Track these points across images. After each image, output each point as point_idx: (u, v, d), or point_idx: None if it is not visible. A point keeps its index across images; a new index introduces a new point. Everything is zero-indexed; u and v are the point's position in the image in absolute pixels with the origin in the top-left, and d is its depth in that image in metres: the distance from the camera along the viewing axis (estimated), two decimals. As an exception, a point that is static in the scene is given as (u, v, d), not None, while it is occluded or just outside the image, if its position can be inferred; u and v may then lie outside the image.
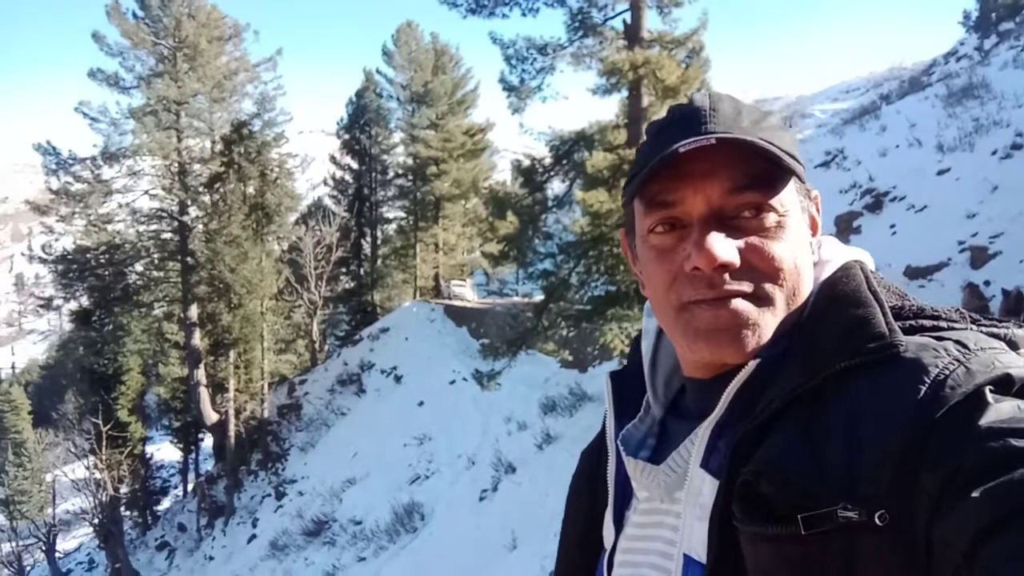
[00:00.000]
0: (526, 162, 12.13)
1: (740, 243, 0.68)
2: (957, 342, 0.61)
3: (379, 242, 32.72)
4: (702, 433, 0.70)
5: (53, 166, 20.41)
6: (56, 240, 21.78)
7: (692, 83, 10.17)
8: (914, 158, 15.79)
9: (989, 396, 0.56)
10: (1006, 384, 0.58)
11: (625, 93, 10.93)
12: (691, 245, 0.68)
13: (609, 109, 15.94)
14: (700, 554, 0.66)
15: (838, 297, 0.69)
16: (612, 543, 0.79)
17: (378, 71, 31.04)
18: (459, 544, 9.61)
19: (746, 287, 0.68)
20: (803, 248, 0.72)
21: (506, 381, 13.16)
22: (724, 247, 0.66)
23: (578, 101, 12.12)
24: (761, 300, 0.68)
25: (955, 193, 12.67)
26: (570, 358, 14.56)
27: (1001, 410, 0.55)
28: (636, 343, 0.89)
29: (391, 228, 33.40)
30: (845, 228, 18.60)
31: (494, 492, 10.70)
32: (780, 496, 0.59)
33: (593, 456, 0.91)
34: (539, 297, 13.13)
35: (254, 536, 16.97)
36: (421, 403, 17.62)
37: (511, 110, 11.56)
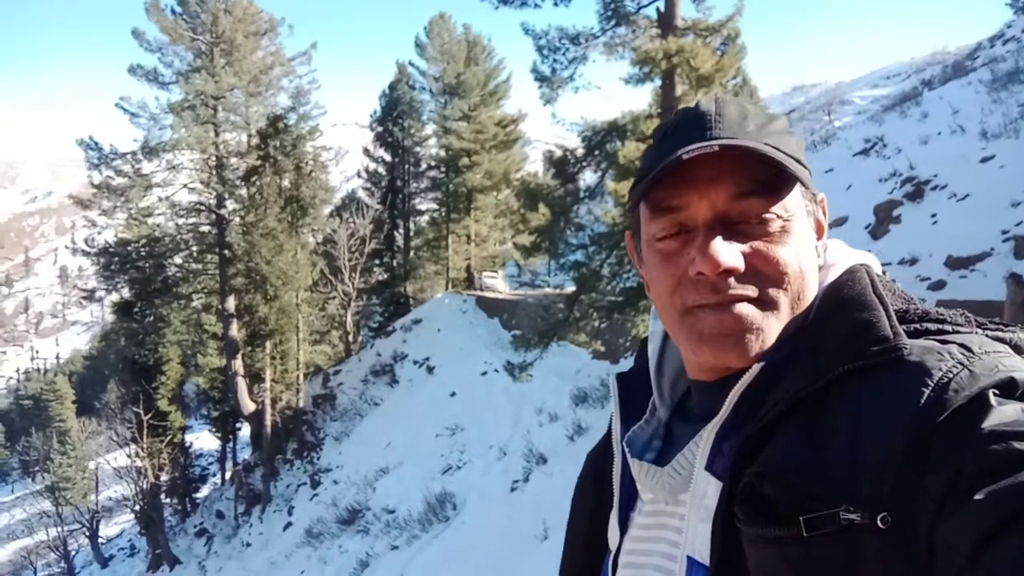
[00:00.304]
0: (558, 153, 12.07)
1: (745, 248, 0.68)
2: (961, 345, 0.61)
3: (412, 234, 32.93)
4: (707, 436, 0.70)
5: (95, 161, 20.89)
6: (98, 233, 22.33)
7: (727, 71, 10.02)
8: (957, 145, 15.40)
9: (992, 399, 0.56)
10: (1010, 388, 0.58)
11: (658, 82, 10.81)
12: (695, 250, 0.68)
13: (642, 98, 15.80)
14: (703, 556, 0.66)
15: (843, 300, 0.69)
16: (617, 545, 0.79)
17: (411, 63, 31.18)
18: (491, 534, 9.65)
19: (750, 291, 0.68)
20: (808, 252, 0.72)
21: (538, 372, 13.16)
22: (728, 253, 0.67)
23: (611, 91, 12.02)
24: (765, 304, 0.68)
25: (999, 181, 12.33)
26: (602, 349, 14.49)
27: (1004, 413, 0.55)
28: (643, 345, 0.90)
29: (423, 220, 33.59)
30: (885, 218, 18.21)
31: (525, 483, 10.71)
32: (783, 498, 0.59)
33: (599, 457, 0.91)
34: (571, 288, 13.07)
35: (290, 524, 17.25)
36: (453, 394, 17.72)
37: (543, 100, 11.50)
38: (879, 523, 0.55)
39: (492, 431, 14.44)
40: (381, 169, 32.77)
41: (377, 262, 31.37)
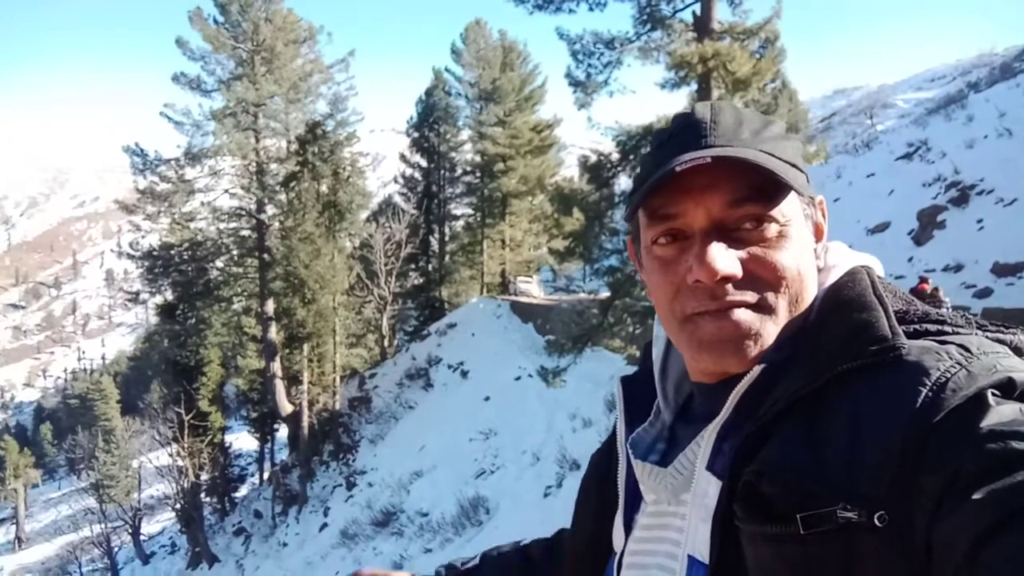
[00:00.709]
0: (593, 158, 12.04)
1: (742, 253, 0.69)
2: (960, 346, 0.61)
3: (447, 238, 33.13)
4: (708, 435, 0.70)
5: (140, 167, 21.46)
6: (143, 237, 22.87)
7: (764, 75, 9.92)
8: (1004, 149, 15.00)
9: (991, 399, 0.56)
10: (1008, 388, 0.58)
11: (694, 87, 10.73)
12: (693, 258, 0.68)
13: (678, 103, 15.73)
14: (703, 554, 0.67)
15: (843, 301, 0.70)
16: (622, 546, 0.80)
17: (447, 69, 31.43)
18: (524, 539, 9.67)
19: (749, 297, 0.69)
20: (806, 255, 0.72)
21: (571, 378, 13.14)
22: (725, 260, 0.67)
23: (646, 95, 11.97)
24: (764, 309, 0.69)
25: (1049, 186, 11.99)
26: (636, 355, 14.39)
27: (1002, 413, 0.55)
28: (647, 348, 0.90)
29: (459, 225, 33.78)
30: (928, 223, 17.82)
31: (559, 488, 10.69)
32: (781, 496, 0.60)
33: (603, 459, 0.92)
34: (605, 293, 13.03)
35: (325, 525, 17.46)
36: (487, 398, 17.76)
37: (577, 105, 11.49)
38: (876, 521, 0.55)
39: (525, 436, 14.43)
40: (417, 174, 33.07)
41: (413, 266, 31.63)
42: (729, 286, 0.68)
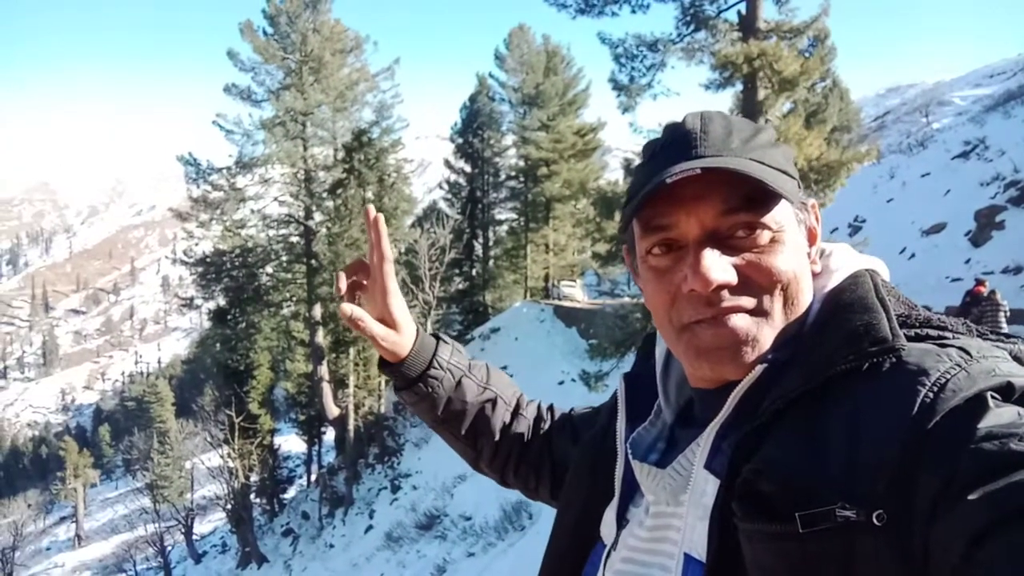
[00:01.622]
0: (636, 161, 11.98)
1: (736, 259, 0.69)
2: (960, 349, 0.62)
3: (491, 243, 33.26)
4: (707, 435, 0.71)
5: (193, 176, 22.06)
6: (196, 244, 23.46)
7: (811, 74, 9.75)
8: (1067, 147, 14.42)
9: (990, 401, 0.57)
10: (1007, 392, 0.58)
11: (740, 87, 10.60)
12: (688, 268, 0.69)
13: (723, 104, 15.53)
14: (700, 553, 0.67)
15: (844, 304, 0.70)
16: (613, 539, 0.80)
17: (490, 75, 31.59)
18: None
19: (745, 302, 0.69)
20: (801, 259, 0.73)
21: (613, 382, 13.03)
22: (719, 269, 0.68)
23: (690, 97, 11.85)
24: (760, 313, 0.70)
25: (1116, 184, 11.49)
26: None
27: (1001, 415, 0.55)
28: (644, 344, 0.92)
29: (502, 229, 33.88)
30: (986, 224, 17.24)
31: (602, 494, 10.63)
32: (779, 494, 0.60)
33: (595, 449, 0.91)
34: (649, 298, 12.91)
35: (371, 527, 17.65)
36: (531, 403, 17.75)
37: (621, 109, 11.46)
38: (875, 521, 0.55)
39: (569, 441, 14.37)
40: (461, 180, 33.30)
41: (457, 271, 31.82)
42: (725, 292, 0.69)
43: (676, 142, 0.73)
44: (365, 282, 1.06)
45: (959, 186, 20.52)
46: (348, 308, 1.01)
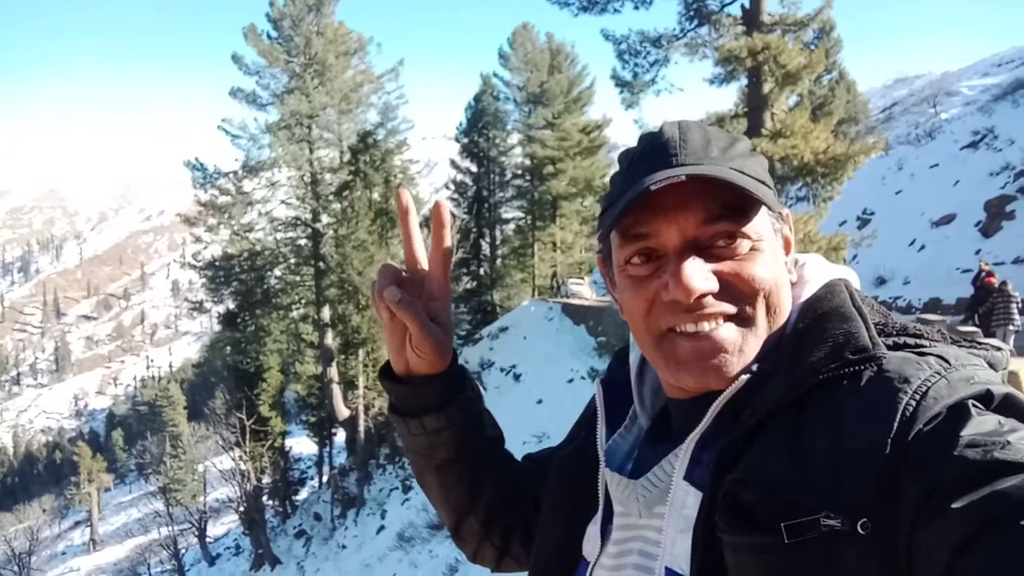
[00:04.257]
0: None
1: (717, 267, 0.69)
2: (939, 356, 0.62)
3: (498, 242, 33.26)
4: (686, 446, 0.70)
5: (201, 180, 22.18)
6: (204, 248, 23.59)
7: (815, 67, 9.71)
8: (1077, 135, 14.31)
9: (972, 409, 0.57)
10: (986, 399, 0.59)
11: (744, 81, 10.56)
12: (669, 277, 0.68)
13: (727, 99, 15.47)
14: (683, 567, 0.66)
15: (822, 313, 0.70)
16: (596, 556, 0.78)
17: (495, 74, 31.57)
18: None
19: (727, 308, 0.69)
20: (779, 268, 0.73)
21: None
22: (701, 278, 0.67)
23: (694, 93, 11.83)
24: (743, 321, 0.69)
25: None
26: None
27: (983, 423, 0.56)
28: (619, 353, 0.90)
29: (509, 228, 33.87)
30: (996, 214, 17.11)
31: (613, 491, 10.64)
32: (763, 505, 0.59)
33: (573, 464, 0.87)
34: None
35: (383, 527, 17.70)
36: (539, 401, 17.74)
37: (624, 105, 11.46)
38: (859, 529, 0.55)
39: (579, 439, 14.37)
40: (467, 180, 33.30)
41: (464, 271, 31.85)
42: (707, 299, 0.68)
43: (656, 150, 0.73)
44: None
45: (968, 176, 20.37)
46: (394, 291, 0.84)
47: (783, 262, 0.74)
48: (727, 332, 0.68)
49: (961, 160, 20.73)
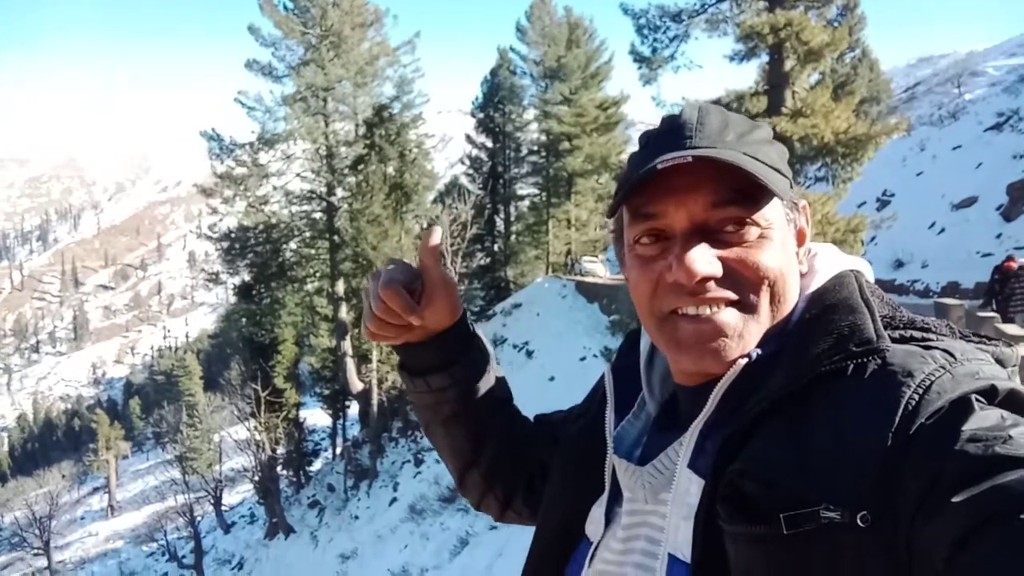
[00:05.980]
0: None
1: (723, 252, 0.69)
2: (944, 351, 0.62)
3: (512, 219, 33.20)
4: (690, 434, 0.71)
5: (217, 151, 22.21)
6: (221, 220, 23.68)
7: (838, 45, 9.55)
8: (1106, 118, 14.01)
9: (975, 403, 0.57)
10: (990, 394, 0.59)
11: (765, 58, 10.40)
12: (673, 259, 0.68)
13: (747, 76, 15.26)
14: (685, 554, 0.67)
15: (829, 304, 0.70)
16: (599, 537, 0.79)
17: (512, 48, 31.31)
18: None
19: (730, 294, 0.69)
20: (788, 258, 0.72)
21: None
22: (704, 261, 0.67)
23: (714, 69, 11.67)
24: (745, 308, 0.69)
25: None
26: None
27: (985, 418, 0.56)
28: (630, 337, 0.91)
29: (524, 205, 33.79)
30: (1019, 197, 16.86)
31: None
32: (764, 495, 0.60)
33: (583, 445, 0.88)
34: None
35: (395, 499, 17.90)
36: (552, 378, 17.79)
37: (642, 81, 11.33)
38: (859, 522, 0.55)
39: (590, 416, 14.42)
40: (483, 155, 33.17)
41: (478, 247, 31.83)
42: (711, 283, 0.68)
43: (672, 132, 0.73)
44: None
45: (991, 159, 20.04)
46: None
47: (793, 252, 0.74)
48: (728, 316, 0.69)
49: (985, 142, 20.39)
